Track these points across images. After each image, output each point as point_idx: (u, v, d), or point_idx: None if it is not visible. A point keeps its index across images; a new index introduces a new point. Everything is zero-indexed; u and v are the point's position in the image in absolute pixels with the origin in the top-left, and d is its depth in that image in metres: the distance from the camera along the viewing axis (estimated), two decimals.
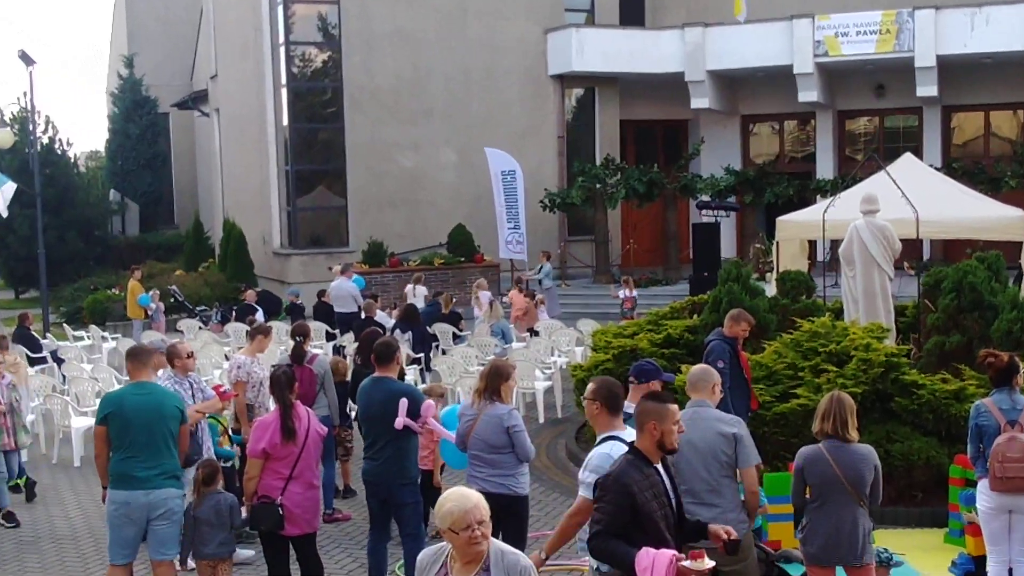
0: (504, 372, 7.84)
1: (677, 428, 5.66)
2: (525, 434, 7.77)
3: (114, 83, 42.45)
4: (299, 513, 7.79)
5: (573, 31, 30.39)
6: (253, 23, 30.18)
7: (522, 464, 7.78)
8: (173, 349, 9.65)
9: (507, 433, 7.63)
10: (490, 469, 7.71)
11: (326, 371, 10.91)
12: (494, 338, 18.02)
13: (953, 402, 10.38)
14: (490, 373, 7.86)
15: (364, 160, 29.30)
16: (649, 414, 5.64)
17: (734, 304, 12.09)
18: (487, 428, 7.69)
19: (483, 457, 7.72)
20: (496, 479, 7.67)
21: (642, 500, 5.42)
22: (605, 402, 6.35)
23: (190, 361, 9.67)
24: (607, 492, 5.47)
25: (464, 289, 25.95)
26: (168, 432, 7.89)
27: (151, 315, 23.54)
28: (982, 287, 11.87)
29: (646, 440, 5.63)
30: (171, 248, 38.30)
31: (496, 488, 7.59)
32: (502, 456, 7.68)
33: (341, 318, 20.84)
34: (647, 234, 32.48)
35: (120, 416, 7.83)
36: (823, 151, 31.64)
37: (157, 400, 7.97)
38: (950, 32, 27.37)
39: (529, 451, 7.77)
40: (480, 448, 7.72)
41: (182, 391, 9.18)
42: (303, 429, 7.84)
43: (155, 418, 7.85)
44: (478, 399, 7.84)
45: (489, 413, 7.72)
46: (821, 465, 6.78)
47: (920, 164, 17.91)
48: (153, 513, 7.79)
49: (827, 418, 6.83)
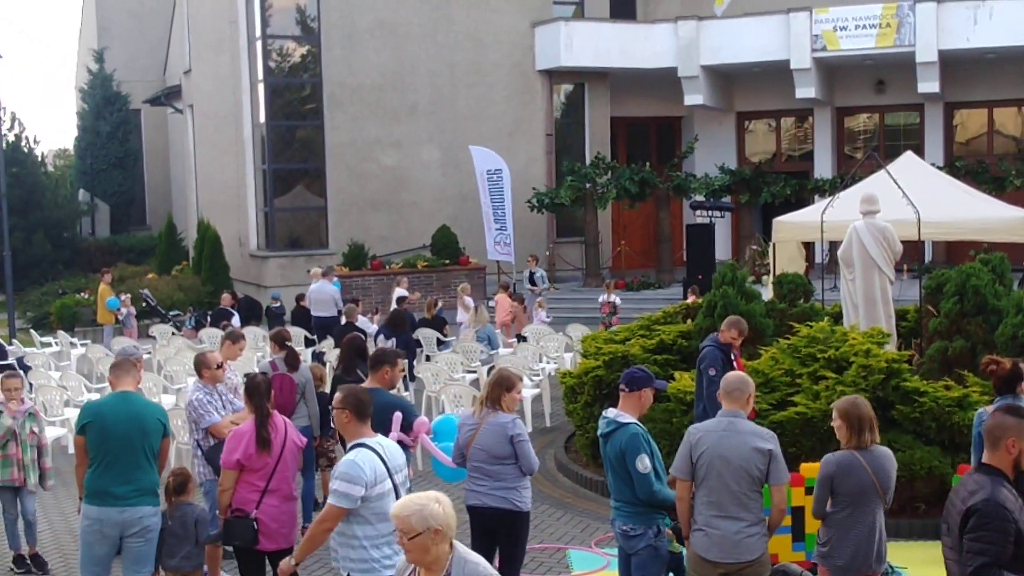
0: (508, 382, 7.69)
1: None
2: (530, 445, 7.67)
3: (83, 78, 42.03)
4: (275, 528, 7.55)
5: (562, 24, 29.86)
6: (228, 16, 29.57)
7: (525, 477, 7.67)
8: (203, 359, 9.47)
9: (511, 443, 7.51)
10: (492, 482, 7.58)
11: (307, 380, 10.76)
12: (480, 344, 17.71)
13: (956, 410, 10.18)
14: (493, 382, 7.73)
15: (344, 159, 28.69)
16: (1008, 430, 5.22)
17: (729, 308, 12.18)
18: (490, 438, 7.57)
19: (485, 469, 7.59)
20: (498, 492, 7.57)
21: (1021, 525, 5.05)
22: (354, 410, 6.48)
23: (219, 372, 9.41)
24: (988, 519, 4.99)
25: (449, 292, 25.85)
26: (148, 447, 7.73)
27: (122, 320, 23.33)
28: (986, 290, 11.78)
29: (1003, 458, 5.21)
30: (143, 250, 37.95)
31: (498, 502, 7.55)
32: (504, 467, 7.55)
33: (320, 322, 20.67)
34: (639, 235, 32.17)
35: (98, 427, 7.66)
36: (821, 149, 31.35)
37: (138, 412, 7.76)
38: (952, 26, 27.08)
39: (533, 462, 7.67)
40: (482, 459, 7.60)
41: (213, 402, 9.10)
42: (279, 439, 7.66)
43: (135, 432, 7.67)
44: (480, 408, 7.74)
45: (491, 422, 7.60)
46: (856, 472, 6.55)
47: (922, 163, 18.06)
48: (127, 531, 7.62)
49: (861, 428, 6.61)
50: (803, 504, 8.54)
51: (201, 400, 9.04)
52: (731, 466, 6.56)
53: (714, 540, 6.59)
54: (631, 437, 6.91)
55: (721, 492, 6.58)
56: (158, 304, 25.94)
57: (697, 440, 6.71)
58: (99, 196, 40.31)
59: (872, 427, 6.63)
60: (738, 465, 6.56)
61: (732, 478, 6.56)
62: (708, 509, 6.62)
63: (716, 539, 6.59)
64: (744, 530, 6.55)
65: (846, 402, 6.76)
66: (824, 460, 6.75)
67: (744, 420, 6.77)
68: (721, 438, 6.62)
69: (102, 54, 40.09)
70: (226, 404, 9.28)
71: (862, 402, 6.76)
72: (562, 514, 11.06)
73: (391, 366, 8.11)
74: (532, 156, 30.22)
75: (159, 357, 18.52)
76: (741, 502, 6.58)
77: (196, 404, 9.02)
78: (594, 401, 12.22)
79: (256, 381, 7.93)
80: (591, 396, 12.37)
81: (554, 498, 11.65)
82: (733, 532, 6.53)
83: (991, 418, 5.42)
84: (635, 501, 6.95)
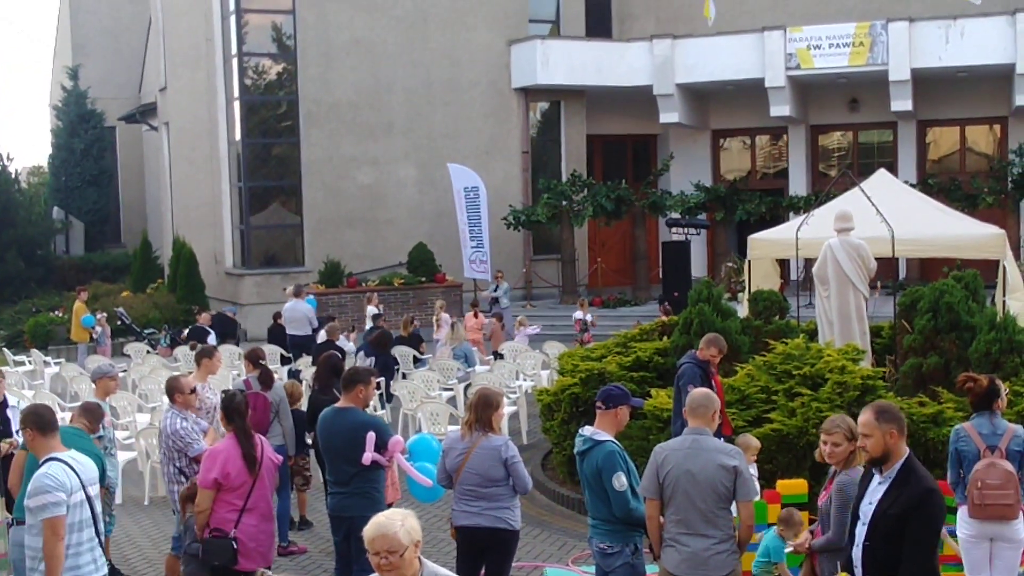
0: (494, 401, 7.64)
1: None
2: (522, 464, 7.64)
3: (58, 96, 41.79)
4: (253, 547, 7.54)
5: (538, 43, 29.85)
6: (204, 33, 29.52)
7: (516, 496, 7.65)
8: (176, 383, 9.31)
9: (505, 465, 7.47)
10: (485, 503, 7.53)
11: (282, 398, 10.72)
12: (456, 361, 17.63)
13: (931, 426, 10.15)
14: (479, 404, 7.62)
15: (321, 176, 28.59)
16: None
17: (705, 325, 12.16)
18: (483, 461, 7.51)
19: (477, 491, 7.53)
20: (492, 512, 7.52)
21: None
22: (35, 427, 6.56)
23: (192, 397, 9.31)
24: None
25: (425, 310, 25.79)
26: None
27: (96, 339, 23.11)
28: (959, 307, 11.79)
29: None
30: (118, 268, 37.57)
31: (492, 522, 7.50)
32: (498, 489, 7.52)
33: (295, 341, 20.52)
34: (615, 253, 32.20)
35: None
36: (796, 167, 31.51)
37: (87, 450, 7.54)
38: (924, 45, 27.30)
39: (528, 482, 7.65)
40: (475, 483, 7.53)
41: (193, 428, 9.01)
42: (258, 458, 7.67)
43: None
44: (469, 432, 7.63)
45: (484, 446, 7.53)
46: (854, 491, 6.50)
47: (895, 180, 17.98)
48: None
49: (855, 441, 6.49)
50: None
51: (186, 428, 8.94)
52: (697, 484, 6.57)
53: (684, 557, 6.60)
54: (608, 455, 6.91)
55: (688, 510, 6.59)
56: (133, 322, 25.77)
57: (663, 459, 6.71)
58: (73, 213, 39.98)
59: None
60: (704, 482, 6.56)
61: (699, 496, 6.57)
62: (676, 527, 6.64)
63: (686, 556, 6.59)
64: (713, 547, 6.56)
65: (850, 423, 6.62)
66: (849, 483, 6.45)
67: (709, 437, 6.76)
68: (687, 456, 6.62)
69: (76, 71, 39.94)
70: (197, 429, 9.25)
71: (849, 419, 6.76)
72: (539, 532, 11.02)
73: (364, 385, 8.12)
74: (508, 173, 30.20)
75: (134, 375, 18.40)
76: (709, 519, 6.57)
77: (182, 433, 8.90)
78: (571, 418, 12.19)
79: (235, 400, 7.91)
80: (568, 413, 12.34)
81: (531, 516, 11.48)
82: (702, 549, 6.55)
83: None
84: (612, 519, 6.94)
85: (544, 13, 31.75)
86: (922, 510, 5.45)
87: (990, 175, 28.05)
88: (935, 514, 5.52)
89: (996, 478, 7.44)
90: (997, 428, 7.69)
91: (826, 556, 6.63)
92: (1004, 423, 7.78)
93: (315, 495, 11.56)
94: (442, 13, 29.52)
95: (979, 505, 7.50)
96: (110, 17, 41.35)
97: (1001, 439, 7.62)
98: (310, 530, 11.28)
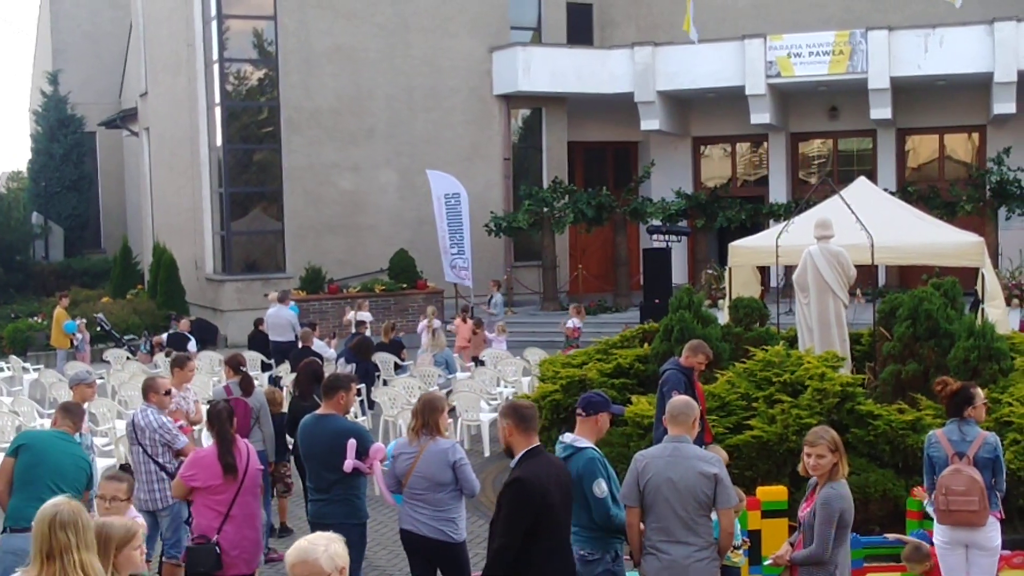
0: (439, 405, 7.66)
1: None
2: (470, 468, 7.65)
3: (37, 100, 41.60)
4: (236, 554, 7.54)
5: (519, 49, 29.88)
6: (186, 39, 29.40)
7: (461, 504, 7.67)
8: (152, 383, 9.51)
9: (452, 468, 7.48)
10: (430, 510, 7.54)
11: (262, 405, 10.71)
12: (437, 368, 17.63)
13: (910, 433, 10.27)
14: (424, 408, 7.62)
15: (302, 182, 28.54)
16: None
17: (686, 332, 12.23)
18: (431, 465, 7.51)
19: (424, 496, 7.55)
20: (434, 523, 7.54)
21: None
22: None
23: (167, 398, 9.49)
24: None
25: (407, 316, 25.79)
26: (76, 486, 7.66)
27: (76, 345, 22.90)
28: (938, 314, 11.92)
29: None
30: (97, 274, 37.42)
31: (434, 533, 7.53)
32: (444, 495, 7.53)
33: (277, 347, 20.43)
34: (596, 259, 32.22)
35: (32, 452, 7.73)
36: (776, 174, 31.58)
37: (73, 453, 7.87)
38: (904, 53, 27.39)
39: (475, 486, 7.64)
40: (423, 487, 7.53)
41: (168, 421, 9.18)
42: (243, 465, 7.65)
43: (70, 467, 7.74)
44: (416, 437, 7.63)
45: (432, 449, 7.54)
46: (850, 502, 6.66)
47: (874, 188, 18.02)
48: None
49: (839, 454, 6.71)
50: (759, 528, 8.57)
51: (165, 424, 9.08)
52: (678, 491, 6.60)
53: (664, 565, 6.62)
54: (588, 462, 6.90)
55: (669, 517, 6.62)
56: (112, 328, 25.60)
57: (643, 467, 6.73)
58: (53, 219, 39.80)
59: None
60: (684, 490, 6.60)
61: (679, 503, 6.60)
62: (657, 535, 6.67)
63: (666, 563, 6.61)
64: (693, 555, 6.59)
65: (835, 435, 6.72)
66: (836, 496, 6.57)
67: (689, 445, 6.79)
68: (667, 464, 6.66)
69: (56, 76, 39.78)
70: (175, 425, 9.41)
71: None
72: None
73: (345, 391, 8.12)
74: (490, 180, 30.20)
75: (113, 382, 18.31)
76: (689, 527, 6.61)
77: (169, 426, 9.08)
78: (551, 425, 12.20)
79: (218, 408, 7.95)
80: (548, 420, 12.35)
81: None
82: (683, 557, 6.58)
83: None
84: (592, 526, 6.93)
85: (525, 20, 31.84)
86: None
87: (969, 183, 28.06)
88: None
89: (960, 484, 7.54)
90: (967, 435, 7.77)
91: (807, 569, 6.66)
92: (975, 430, 7.84)
93: (295, 502, 11.54)
94: (423, 20, 29.52)
95: (945, 511, 7.62)
96: (90, 22, 41.20)
97: (970, 446, 7.72)
98: (290, 537, 11.13)
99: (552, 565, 6.37)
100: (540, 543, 6.29)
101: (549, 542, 6.33)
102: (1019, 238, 26.76)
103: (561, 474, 6.57)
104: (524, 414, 6.59)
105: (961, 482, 7.54)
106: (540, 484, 6.30)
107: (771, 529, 8.57)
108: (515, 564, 6.24)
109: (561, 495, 6.43)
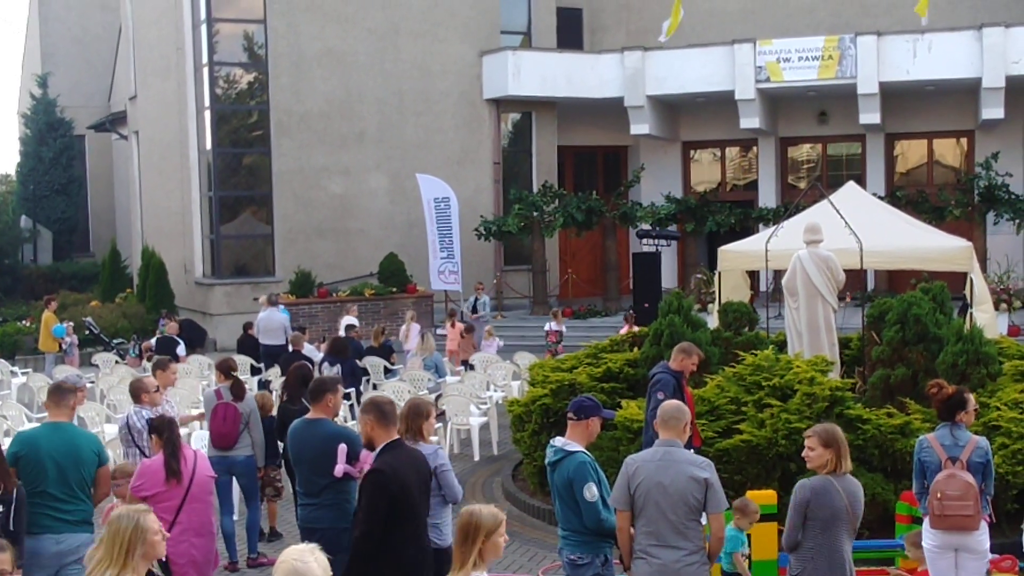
0: (424, 410, 7.56)
1: None
2: (453, 474, 7.66)
3: (26, 103, 41.47)
4: (181, 564, 7.40)
5: (509, 54, 29.85)
6: (175, 42, 29.39)
7: (446, 510, 7.62)
8: (140, 384, 9.59)
9: (434, 474, 7.37)
10: None
11: (252, 409, 10.63)
12: (427, 372, 17.54)
13: (899, 437, 10.25)
14: (408, 413, 7.52)
15: (291, 186, 28.49)
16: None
17: (675, 336, 12.16)
18: None
19: None
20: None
21: None
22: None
23: (157, 395, 9.57)
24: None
25: (396, 321, 25.57)
26: (83, 477, 7.64)
27: (65, 349, 22.78)
28: (927, 319, 11.94)
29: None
30: (86, 278, 37.43)
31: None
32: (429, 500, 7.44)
33: (268, 351, 20.30)
34: (586, 264, 32.23)
35: (31, 458, 7.56)
36: (765, 178, 31.63)
37: (72, 443, 7.70)
38: (892, 59, 27.44)
39: (458, 492, 7.63)
40: None
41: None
42: (188, 471, 7.60)
43: (70, 463, 7.60)
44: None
45: None
46: (832, 497, 6.57)
47: (863, 193, 18.01)
48: (65, 560, 7.46)
49: (845, 454, 6.72)
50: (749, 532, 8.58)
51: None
52: (668, 495, 6.60)
53: (654, 569, 6.61)
54: (578, 466, 6.91)
55: (659, 522, 6.61)
56: (101, 332, 25.55)
57: (634, 471, 6.73)
58: (41, 222, 39.69)
59: (845, 451, 6.70)
60: (674, 494, 6.59)
61: (670, 507, 6.59)
62: (647, 539, 6.66)
63: (656, 568, 6.60)
64: (683, 559, 6.58)
65: (829, 430, 6.77)
66: (799, 485, 6.73)
67: (680, 449, 6.79)
68: (658, 468, 6.65)
69: (45, 79, 39.74)
70: None
71: (839, 429, 6.81)
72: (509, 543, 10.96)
73: (332, 393, 8.05)
74: (480, 184, 30.20)
75: (102, 386, 18.23)
76: (679, 531, 6.60)
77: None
78: (541, 429, 12.17)
79: (165, 419, 8.01)
80: (538, 424, 12.33)
81: None
82: (673, 561, 6.57)
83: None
84: (582, 530, 6.95)
85: (516, 25, 31.79)
86: None
87: (957, 188, 28.17)
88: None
89: (956, 489, 7.53)
90: (959, 439, 7.76)
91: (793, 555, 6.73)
92: (967, 434, 7.83)
93: (285, 506, 11.51)
94: (413, 24, 29.50)
95: (939, 516, 7.59)
96: (79, 25, 41.17)
97: (963, 450, 7.71)
98: (280, 541, 11.17)
99: (407, 551, 6.54)
100: (397, 531, 6.45)
101: (405, 530, 6.51)
102: (1007, 243, 26.88)
103: (420, 465, 6.78)
104: (384, 410, 6.83)
105: (956, 486, 7.54)
106: (397, 475, 6.49)
107: (760, 532, 8.59)
108: (376, 551, 6.41)
109: (418, 485, 6.67)
